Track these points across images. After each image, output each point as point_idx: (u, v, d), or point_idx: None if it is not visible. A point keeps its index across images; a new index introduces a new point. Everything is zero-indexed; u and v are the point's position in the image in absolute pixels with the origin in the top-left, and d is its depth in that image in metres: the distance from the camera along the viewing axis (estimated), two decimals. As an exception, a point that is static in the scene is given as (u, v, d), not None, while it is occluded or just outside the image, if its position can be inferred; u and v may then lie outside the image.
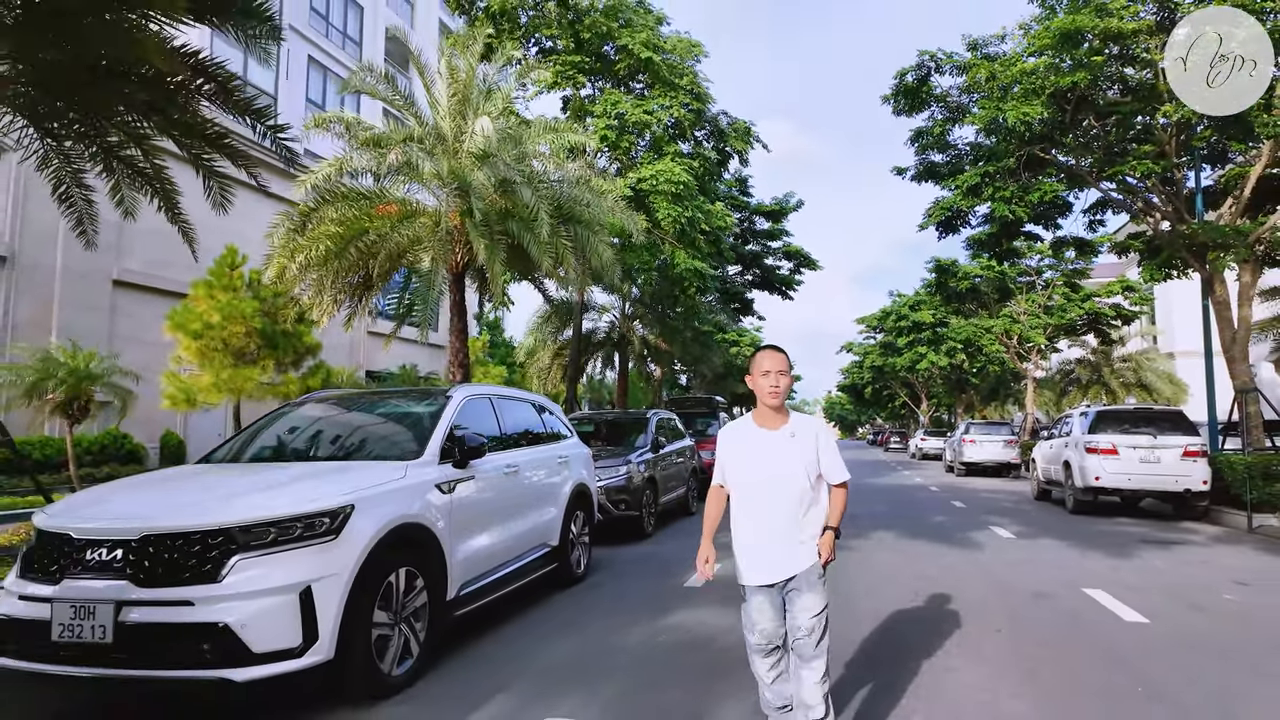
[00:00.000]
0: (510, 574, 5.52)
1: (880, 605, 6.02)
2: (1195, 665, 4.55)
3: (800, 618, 2.96)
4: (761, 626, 3.04)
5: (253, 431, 5.31)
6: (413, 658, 4.17)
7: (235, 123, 6.76)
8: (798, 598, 2.98)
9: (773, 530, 3.02)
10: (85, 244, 6.91)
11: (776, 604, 3.04)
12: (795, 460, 3.01)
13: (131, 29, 4.45)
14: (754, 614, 3.06)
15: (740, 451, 3.10)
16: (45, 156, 6.21)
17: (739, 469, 3.10)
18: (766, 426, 3.08)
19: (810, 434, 3.06)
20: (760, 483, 3.04)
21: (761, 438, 3.07)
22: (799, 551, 3.00)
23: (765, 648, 3.06)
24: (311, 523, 3.65)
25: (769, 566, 3.01)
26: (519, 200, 10.29)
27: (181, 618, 3.35)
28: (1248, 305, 12.35)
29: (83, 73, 5.06)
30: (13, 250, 15.09)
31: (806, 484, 3.02)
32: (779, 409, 3.07)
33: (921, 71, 12.23)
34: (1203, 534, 10.71)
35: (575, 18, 14.42)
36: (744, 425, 3.17)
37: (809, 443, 3.04)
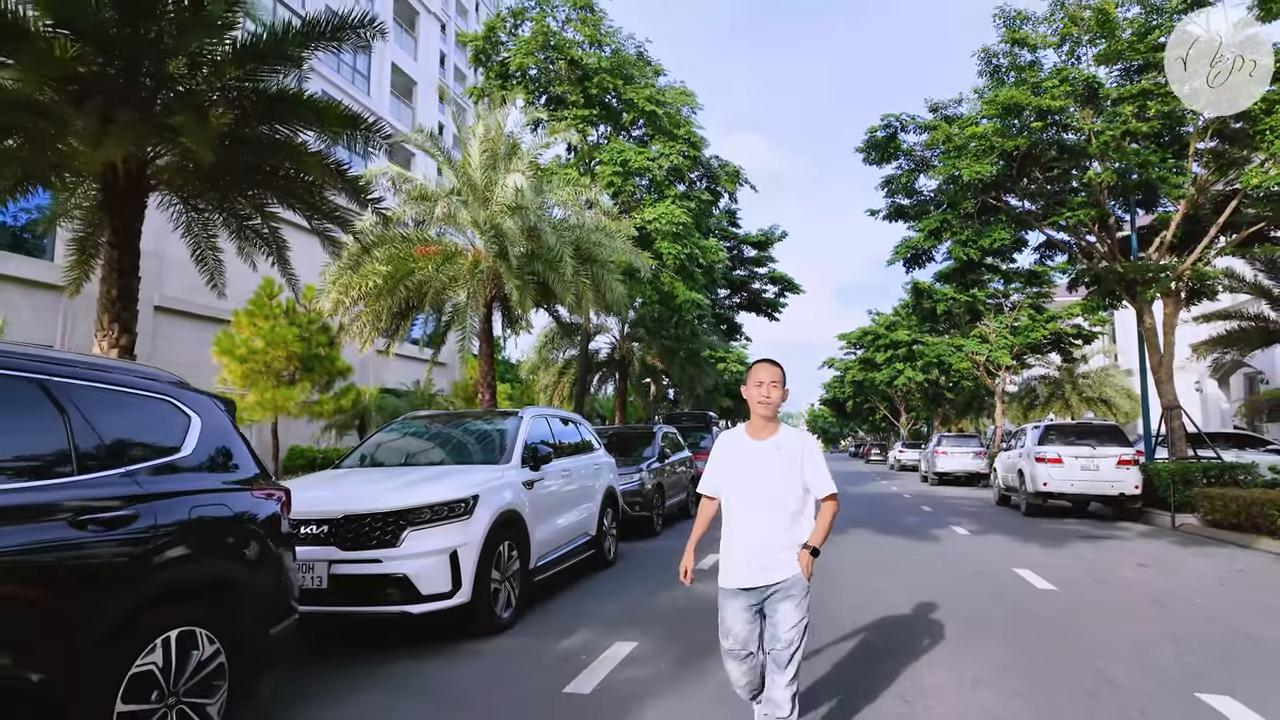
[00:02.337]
0: (564, 555, 7.13)
1: (856, 580, 7.68)
2: (1082, 616, 6.24)
3: (780, 628, 2.97)
4: (735, 632, 3.05)
5: (373, 444, 6.90)
6: (512, 607, 5.77)
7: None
8: (778, 607, 3.00)
9: (754, 537, 3.04)
10: (217, 295, 8.47)
11: (753, 611, 3.05)
12: (777, 472, 3.06)
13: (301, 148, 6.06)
14: (729, 619, 3.07)
15: (731, 461, 3.14)
16: (189, 225, 7.80)
17: (728, 477, 3.16)
18: (756, 437, 3.13)
19: (796, 447, 3.10)
20: (744, 491, 3.08)
21: (750, 448, 3.11)
22: (781, 560, 3.01)
23: (739, 653, 3.07)
24: (454, 506, 5.25)
25: (748, 572, 3.03)
26: (544, 244, 11.94)
27: (374, 570, 4.94)
28: (1171, 333, 14.23)
29: (243, 170, 6.67)
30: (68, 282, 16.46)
31: (787, 495, 3.05)
32: (770, 420, 3.11)
33: (889, 130, 14.10)
34: (1131, 531, 12.48)
35: (584, 74, 16.17)
36: (737, 435, 3.22)
37: (794, 456, 3.07)
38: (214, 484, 3.44)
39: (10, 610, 2.48)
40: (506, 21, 17.20)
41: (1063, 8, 12.77)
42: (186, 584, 3.14)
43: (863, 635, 5.47)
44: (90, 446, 2.90)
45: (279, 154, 6.26)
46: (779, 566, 3.00)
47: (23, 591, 2.53)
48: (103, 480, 2.89)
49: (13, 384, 2.75)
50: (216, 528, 3.35)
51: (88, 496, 2.80)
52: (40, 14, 4.87)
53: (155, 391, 3.37)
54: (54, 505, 2.67)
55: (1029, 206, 15.25)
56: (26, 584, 2.54)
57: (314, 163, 6.22)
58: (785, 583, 2.98)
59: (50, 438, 2.79)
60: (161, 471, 3.18)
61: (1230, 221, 14.09)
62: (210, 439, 3.51)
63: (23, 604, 2.53)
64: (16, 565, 2.51)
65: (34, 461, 2.72)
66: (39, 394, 2.82)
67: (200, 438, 3.46)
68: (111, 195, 6.34)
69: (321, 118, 6.06)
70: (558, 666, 4.73)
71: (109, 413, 3.05)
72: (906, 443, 42.34)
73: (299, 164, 6.29)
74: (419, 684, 4.44)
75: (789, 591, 2.98)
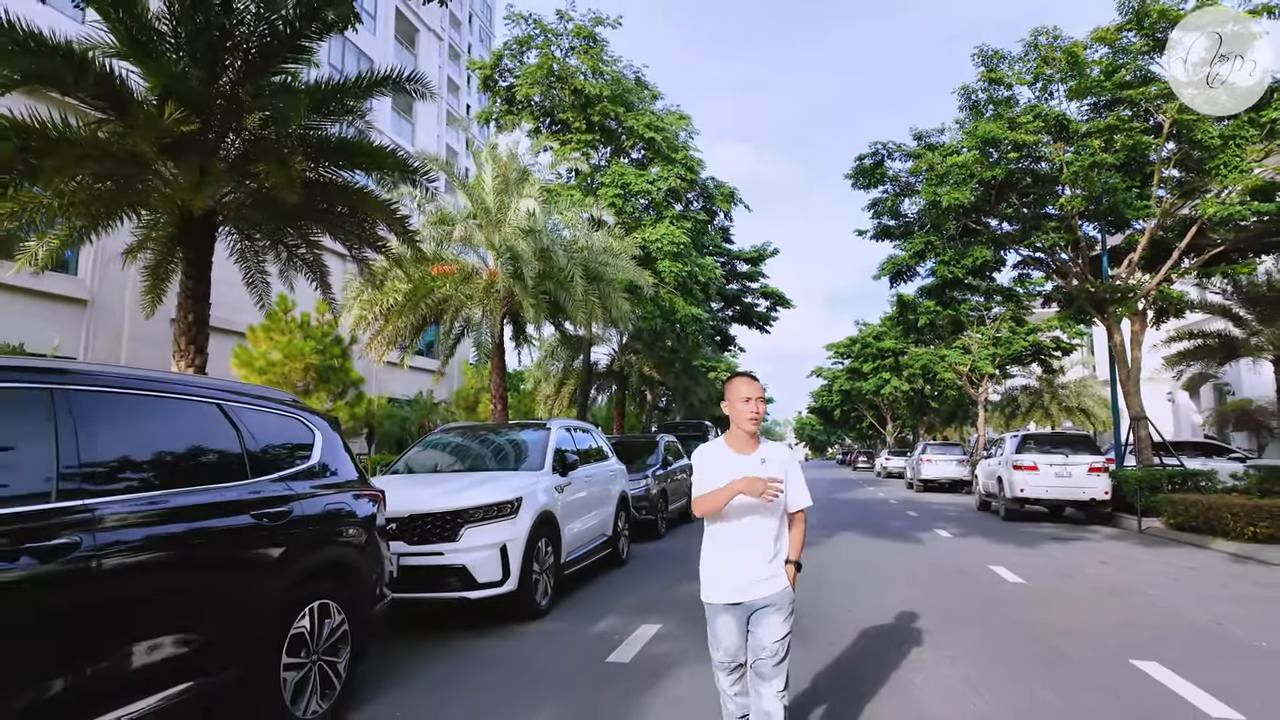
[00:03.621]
0: (588, 552, 7.94)
1: (847, 578, 8.53)
2: (1045, 605, 7.12)
3: (765, 640, 2.99)
4: (727, 644, 3.08)
5: (414, 453, 7.69)
6: (548, 595, 6.57)
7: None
8: (764, 620, 3.02)
9: (743, 553, 3.05)
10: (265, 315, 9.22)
11: (741, 623, 3.06)
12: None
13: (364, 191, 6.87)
14: (720, 632, 3.09)
15: (717, 475, 3.07)
16: (242, 253, 8.58)
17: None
18: (740, 451, 3.10)
19: (781, 461, 3.11)
20: (733, 506, 3.04)
21: (735, 462, 3.07)
22: (773, 575, 3.05)
23: (729, 665, 3.10)
24: (503, 507, 6.06)
25: (737, 587, 3.04)
26: (556, 264, 12.77)
27: (437, 561, 5.73)
28: (1138, 349, 15.24)
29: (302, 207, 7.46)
30: (93, 294, 17.16)
31: (776, 510, 3.07)
32: (754, 436, 3.12)
33: (876, 157, 15.07)
34: (1100, 533, 13.42)
35: (587, 101, 17.05)
36: (717, 449, 3.17)
37: (778, 469, 3.06)
38: (334, 486, 4.24)
39: (218, 579, 3.29)
40: (513, 48, 18.06)
41: (1036, 49, 13.81)
42: (323, 566, 3.93)
43: (853, 621, 6.31)
44: (256, 456, 3.71)
45: (343, 195, 7.07)
46: (770, 581, 3.03)
47: (228, 563, 3.34)
48: (267, 483, 3.69)
49: (201, 407, 3.55)
50: (340, 522, 4.14)
51: (260, 495, 3.60)
52: (151, 87, 5.65)
53: (290, 412, 4.17)
54: (240, 501, 3.48)
55: (1007, 228, 16.27)
56: (233, 558, 3.36)
57: (374, 205, 7.04)
58: (774, 596, 3.02)
59: (231, 449, 3.59)
60: (300, 476, 3.98)
61: (1194, 244, 15.14)
62: (329, 450, 4.32)
63: (228, 574, 3.34)
64: (225, 545, 3.32)
65: (224, 467, 3.52)
66: (218, 414, 3.62)
67: (322, 449, 4.26)
68: (187, 231, 7.10)
69: (380, 163, 6.87)
70: (596, 643, 5.54)
71: (264, 429, 3.85)
72: (893, 450, 43.34)
73: (359, 204, 7.10)
74: (483, 656, 5.24)
75: (778, 605, 3.02)
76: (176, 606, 3.06)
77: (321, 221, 7.67)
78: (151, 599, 2.95)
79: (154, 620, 2.94)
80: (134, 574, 2.87)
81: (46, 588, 2.54)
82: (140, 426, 3.16)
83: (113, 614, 2.77)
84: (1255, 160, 13.00)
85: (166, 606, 3.01)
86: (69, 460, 2.74)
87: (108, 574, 2.74)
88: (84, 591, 2.66)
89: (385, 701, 4.29)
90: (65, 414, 2.79)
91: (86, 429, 2.85)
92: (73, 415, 2.81)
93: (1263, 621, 6.35)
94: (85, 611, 2.66)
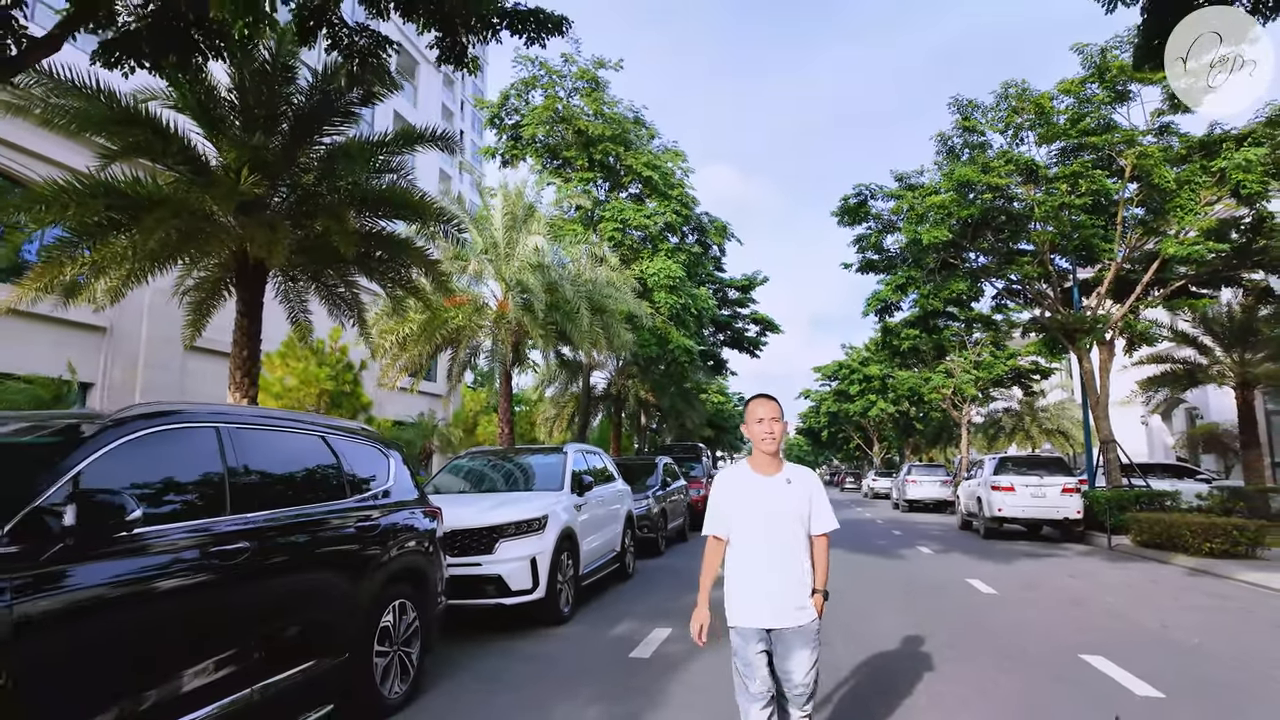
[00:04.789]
0: (601, 566, 8.71)
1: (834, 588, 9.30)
2: (1012, 611, 7.95)
3: (796, 674, 2.95)
4: (763, 675, 2.99)
5: (442, 476, 8.45)
6: (570, 604, 7.33)
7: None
8: (794, 653, 2.96)
9: (776, 578, 2.99)
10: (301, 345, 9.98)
11: (767, 649, 3.01)
12: (791, 507, 3.04)
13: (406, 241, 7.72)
14: (754, 661, 2.99)
15: (739, 498, 3.07)
16: (285, 293, 9.37)
17: (739, 515, 3.08)
18: (763, 473, 3.09)
19: (805, 483, 3.10)
20: (761, 525, 3.02)
21: (760, 483, 3.06)
22: (803, 601, 3.00)
23: (765, 696, 2.99)
24: (532, 523, 6.84)
25: (768, 611, 2.97)
26: (563, 296, 13.62)
27: (476, 571, 6.49)
28: (1106, 376, 16.24)
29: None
30: (111, 323, 17.80)
31: (800, 530, 3.04)
32: (774, 455, 3.09)
33: (860, 197, 16.11)
34: (1073, 550, 14.29)
35: (589, 141, 18.04)
36: (740, 472, 3.16)
37: (803, 490, 3.07)
38: (404, 504, 5.02)
39: (334, 578, 4.07)
40: (519, 89, 19.06)
41: (1006, 99, 14.94)
42: (401, 571, 4.70)
43: (839, 625, 7.11)
44: (351, 478, 4.50)
45: (387, 245, 7.93)
46: (801, 609, 2.98)
47: (343, 567, 4.12)
48: (362, 501, 4.49)
49: (311, 439, 4.35)
50: (412, 535, 4.92)
51: (358, 511, 4.39)
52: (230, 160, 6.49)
53: (369, 441, 4.97)
54: (346, 515, 4.27)
55: (984, 261, 17.31)
56: (343, 562, 4.14)
57: (415, 254, 7.91)
58: (806, 627, 2.97)
59: (334, 473, 4.39)
60: (381, 496, 4.77)
61: (1159, 278, 16.23)
62: (400, 474, 5.11)
63: (341, 574, 4.12)
64: (338, 550, 4.11)
65: (332, 487, 4.31)
66: (322, 444, 4.42)
67: (394, 472, 5.05)
68: (242, 276, 7.89)
69: (422, 213, 7.72)
70: (617, 643, 6.31)
71: (354, 456, 4.65)
72: (879, 471, 44.21)
73: (400, 252, 7.95)
74: (521, 654, 5.99)
75: (808, 637, 2.97)
76: (309, 599, 3.84)
77: (363, 266, 8.49)
78: (295, 593, 3.73)
79: (297, 608, 3.72)
80: (283, 572, 3.65)
81: (229, 582, 3.32)
82: (276, 455, 3.95)
83: (271, 603, 3.55)
84: (1207, 205, 14.10)
85: (304, 599, 3.79)
86: (234, 481, 3.53)
87: (267, 571, 3.52)
88: (253, 585, 3.43)
89: (444, 690, 5.04)
90: (229, 446, 3.59)
91: (242, 458, 3.64)
92: (234, 447, 3.61)
93: (1203, 625, 7.20)
94: (253, 600, 3.44)
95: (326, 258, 8.19)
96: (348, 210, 7.16)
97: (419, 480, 5.62)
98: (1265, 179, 12.66)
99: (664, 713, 4.51)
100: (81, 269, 7.03)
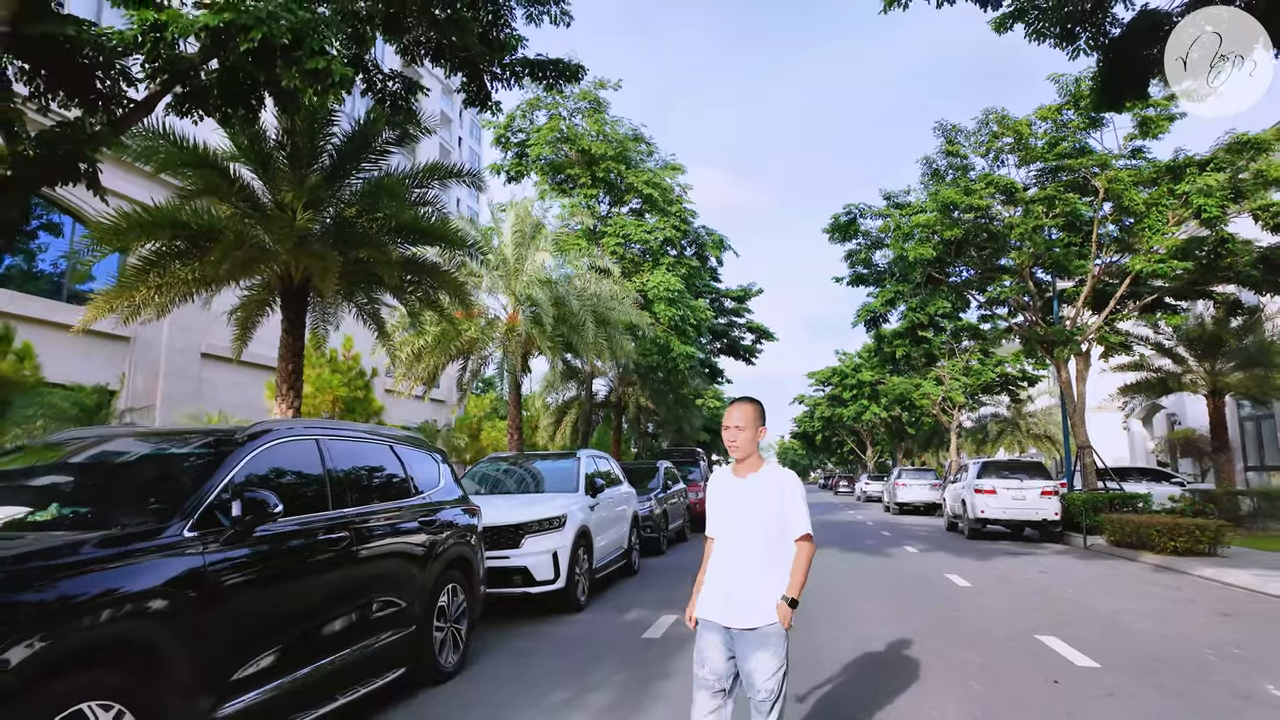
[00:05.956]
0: (611, 562, 9.55)
1: (824, 583, 10.19)
2: (983, 600, 8.81)
3: (755, 678, 2.93)
4: (713, 663, 3.01)
5: (465, 480, 9.27)
6: (585, 594, 8.16)
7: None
8: (753, 656, 2.95)
9: (734, 575, 3.04)
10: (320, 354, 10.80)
11: (726, 646, 3.02)
12: (756, 507, 3.07)
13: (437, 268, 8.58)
14: (706, 650, 3.04)
15: (715, 499, 3.22)
16: (320, 310, 10.19)
17: (713, 515, 3.23)
18: (740, 475, 3.17)
19: (776, 483, 3.10)
20: (727, 527, 3.12)
21: (733, 485, 3.16)
22: (758, 605, 2.97)
23: (712, 685, 3.01)
24: (553, 521, 7.68)
25: (722, 608, 3.02)
26: (569, 309, 14.46)
27: (505, 564, 7.32)
28: (1083, 385, 17.16)
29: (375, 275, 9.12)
30: (135, 333, 18.58)
31: (767, 532, 3.04)
32: (743, 459, 3.13)
33: (850, 215, 17.03)
34: (1050, 549, 15.18)
35: (592, 160, 18.93)
36: (723, 474, 3.27)
37: (774, 491, 3.07)
38: (452, 502, 5.85)
39: (406, 563, 4.90)
40: (523, 108, 19.95)
41: (987, 124, 15.88)
42: (453, 558, 5.53)
43: (828, 613, 7.96)
44: (414, 481, 5.33)
45: (421, 270, 8.80)
46: (755, 611, 2.96)
47: (410, 555, 4.95)
48: (423, 499, 5.32)
49: (381, 447, 5.18)
50: (459, 529, 5.75)
51: (420, 507, 5.23)
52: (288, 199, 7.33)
53: (425, 449, 5.80)
54: (412, 510, 5.10)
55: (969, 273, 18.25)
56: (412, 550, 4.97)
57: (446, 279, 8.78)
58: (761, 630, 2.94)
59: (401, 475, 5.22)
60: (436, 495, 5.60)
61: (1134, 291, 17.17)
62: (446, 475, 5.94)
63: (410, 560, 4.95)
64: (408, 540, 4.94)
65: (400, 487, 5.14)
66: (390, 452, 5.25)
67: (443, 474, 5.89)
68: (288, 296, 8.72)
69: (452, 241, 8.59)
70: (630, 626, 7.14)
71: (414, 461, 5.48)
72: (872, 475, 45.09)
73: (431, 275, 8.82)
74: (547, 635, 6.82)
75: (766, 641, 2.94)
76: (387, 580, 4.66)
77: (395, 288, 9.33)
78: (377, 575, 4.55)
79: (379, 588, 4.55)
80: (369, 558, 4.48)
81: (335, 564, 4.14)
82: (357, 461, 4.78)
83: (362, 582, 4.39)
84: (1175, 225, 15.05)
85: (383, 580, 4.62)
86: (334, 482, 4.36)
87: (359, 557, 4.35)
88: (350, 567, 4.26)
89: (487, 662, 5.86)
90: (326, 454, 4.42)
91: (335, 463, 4.47)
92: (329, 455, 4.44)
93: (1152, 612, 8.07)
94: (350, 578, 4.27)
95: (363, 281, 9.03)
96: (388, 239, 7.99)
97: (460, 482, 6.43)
98: (1224, 203, 13.60)
99: (678, 679, 5.34)
100: (149, 292, 7.85)
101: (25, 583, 2.55)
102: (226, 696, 3.24)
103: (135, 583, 2.84)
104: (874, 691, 5.06)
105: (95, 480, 3.85)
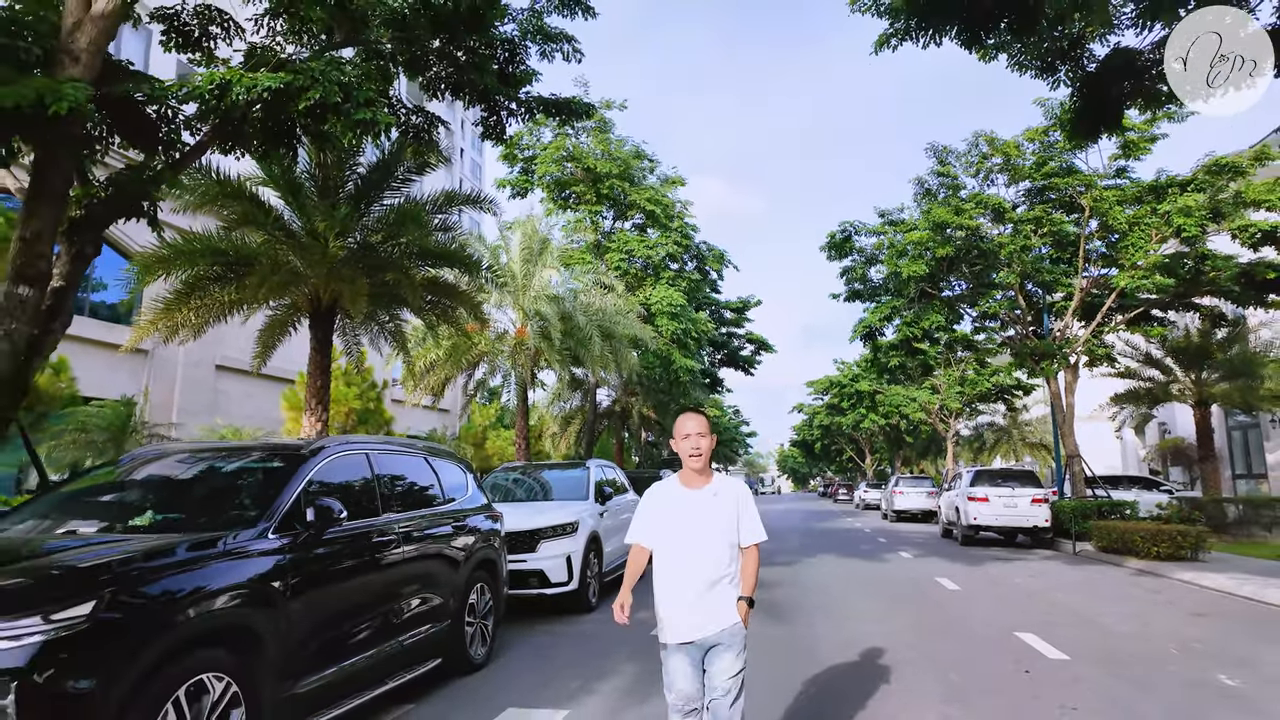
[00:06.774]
0: (618, 566, 10.06)
1: (821, 583, 10.75)
2: (970, 602, 9.35)
3: (718, 679, 3.01)
4: (680, 688, 3.07)
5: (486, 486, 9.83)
6: (596, 595, 8.70)
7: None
8: (717, 658, 3.03)
9: (696, 589, 3.06)
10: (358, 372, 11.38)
11: (696, 663, 3.08)
12: (717, 519, 3.10)
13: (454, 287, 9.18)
14: (674, 675, 3.09)
15: (664, 511, 3.16)
16: (343, 329, 10.77)
17: (663, 528, 3.17)
18: (691, 486, 3.15)
19: (732, 495, 3.14)
20: (683, 541, 3.10)
21: (685, 497, 3.14)
22: (720, 611, 3.04)
23: (683, 709, 3.09)
24: (566, 527, 8.22)
25: (690, 626, 3.05)
26: (576, 324, 15.04)
27: (522, 567, 7.87)
28: (1071, 396, 17.74)
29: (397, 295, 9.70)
30: (153, 347, 19.15)
31: (727, 543, 3.10)
32: (701, 471, 3.15)
33: (845, 233, 17.66)
34: (1040, 555, 15.71)
35: (596, 177, 19.57)
36: (669, 486, 3.23)
37: (730, 503, 3.11)
38: (477, 509, 6.41)
39: (442, 564, 5.45)
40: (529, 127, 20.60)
41: (977, 146, 16.53)
42: (480, 560, 6.09)
43: (824, 613, 8.50)
44: (445, 489, 5.89)
45: (441, 290, 9.39)
46: (718, 617, 3.03)
47: (446, 556, 5.51)
48: (454, 506, 5.88)
49: (418, 459, 5.75)
50: (485, 533, 6.31)
51: (450, 513, 5.78)
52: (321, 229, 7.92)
53: (454, 460, 6.36)
54: (445, 514, 5.66)
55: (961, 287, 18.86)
56: (447, 552, 5.52)
57: (465, 299, 9.37)
58: (725, 632, 3.03)
59: (434, 483, 5.78)
60: (465, 502, 6.16)
61: (1121, 303, 17.77)
62: (472, 483, 6.50)
63: (445, 561, 5.50)
64: (444, 543, 5.50)
65: (434, 495, 5.70)
66: (424, 463, 5.81)
67: (469, 483, 6.45)
68: (316, 317, 9.29)
69: (468, 266, 9.19)
70: (640, 624, 7.58)
71: (445, 470, 6.04)
72: (870, 483, 45.54)
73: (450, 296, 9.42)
74: (563, 632, 7.37)
75: (729, 642, 3.03)
76: (428, 579, 5.22)
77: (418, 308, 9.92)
78: (420, 574, 5.11)
79: (421, 586, 5.10)
80: (414, 559, 5.03)
81: (387, 564, 4.70)
82: (399, 471, 5.34)
83: (408, 580, 4.94)
84: (1158, 242, 15.66)
85: (425, 578, 5.17)
86: (381, 491, 4.92)
87: (405, 558, 4.90)
88: (398, 567, 4.82)
89: (512, 656, 6.41)
90: (375, 465, 4.98)
91: (383, 474, 5.04)
92: (378, 466, 5.00)
93: (1129, 613, 8.61)
94: (398, 577, 4.83)
95: (387, 301, 9.60)
96: (411, 263, 8.58)
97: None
98: (1203, 222, 14.22)
99: (684, 669, 5.89)
100: (189, 313, 8.43)
101: (158, 576, 3.11)
102: (302, 676, 3.79)
103: (240, 576, 3.42)
104: (863, 679, 5.61)
105: (181, 491, 4.41)
